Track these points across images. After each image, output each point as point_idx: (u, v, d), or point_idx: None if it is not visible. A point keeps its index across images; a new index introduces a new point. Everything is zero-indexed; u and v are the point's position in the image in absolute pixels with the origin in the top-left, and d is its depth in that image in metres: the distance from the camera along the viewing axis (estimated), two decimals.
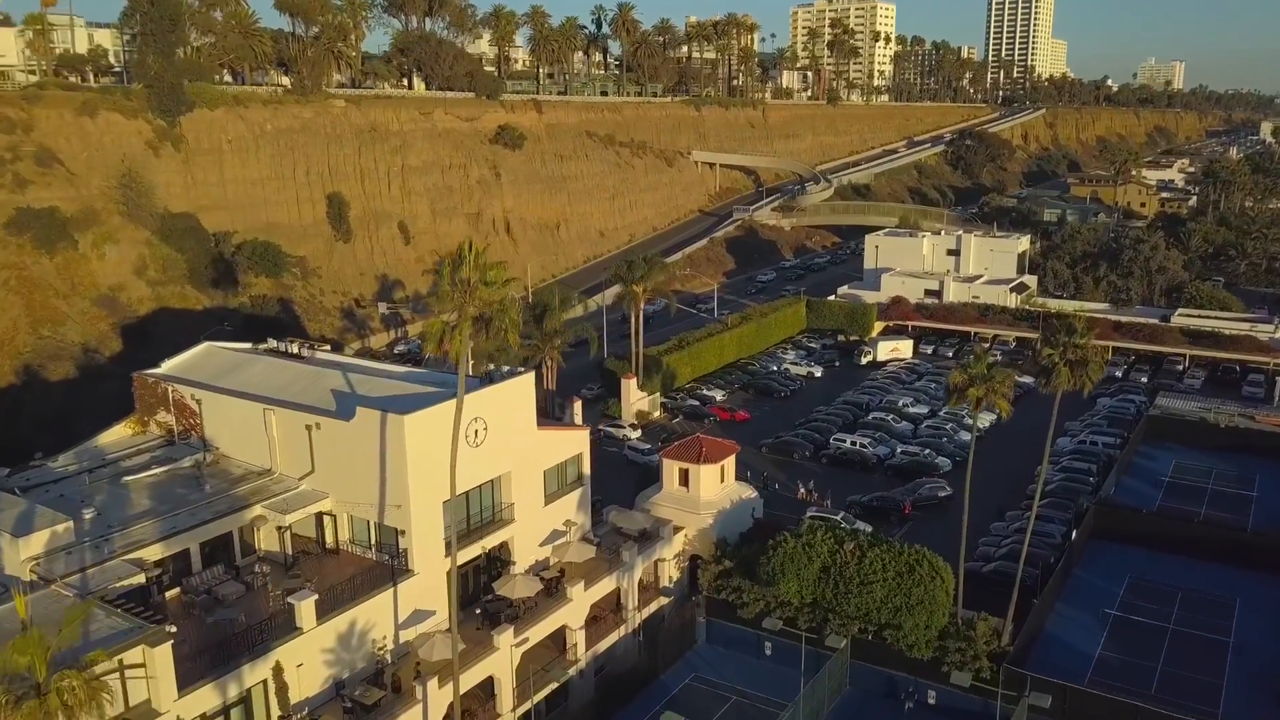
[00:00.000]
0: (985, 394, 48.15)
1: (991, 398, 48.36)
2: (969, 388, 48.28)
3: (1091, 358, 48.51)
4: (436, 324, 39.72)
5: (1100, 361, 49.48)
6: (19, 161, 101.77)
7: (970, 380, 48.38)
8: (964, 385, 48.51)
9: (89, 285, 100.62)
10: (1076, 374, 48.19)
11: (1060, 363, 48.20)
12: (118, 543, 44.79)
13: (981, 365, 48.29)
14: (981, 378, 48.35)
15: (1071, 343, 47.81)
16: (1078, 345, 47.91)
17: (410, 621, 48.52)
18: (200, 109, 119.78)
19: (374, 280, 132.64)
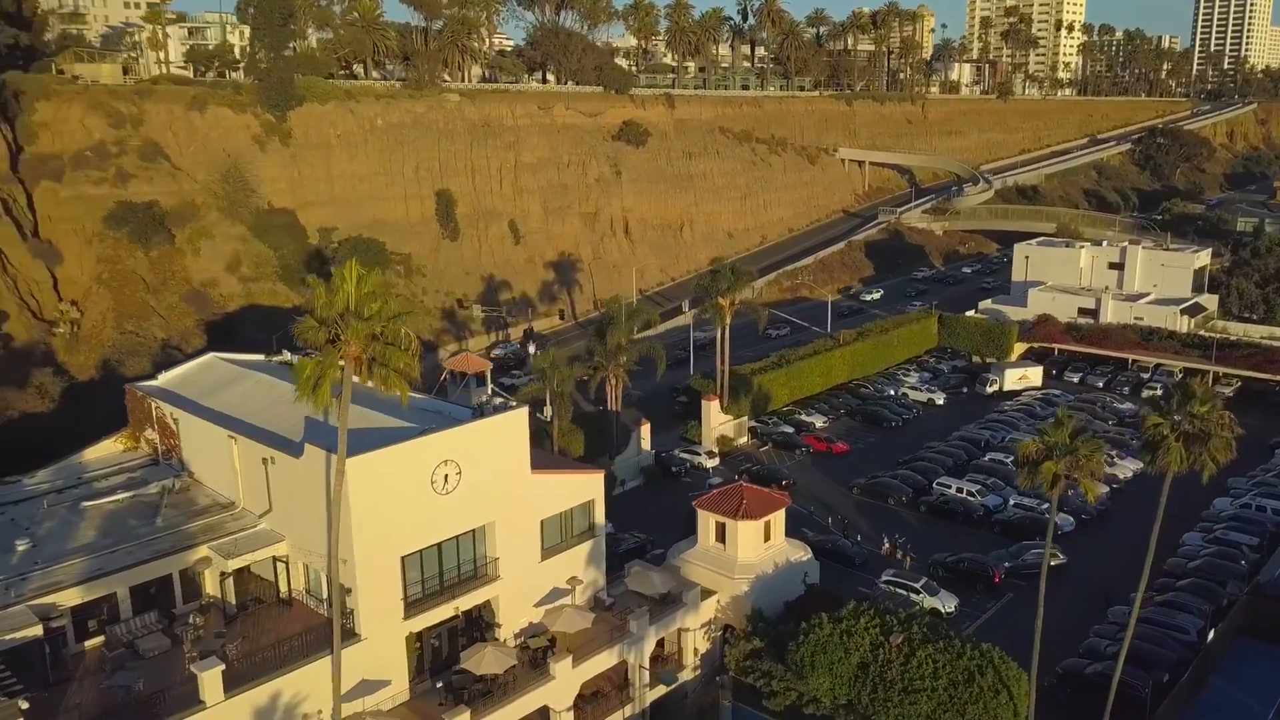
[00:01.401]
0: (1067, 472, 37.03)
1: (1077, 476, 37.17)
2: (1044, 461, 37.27)
3: (1217, 431, 36.60)
4: (308, 366, 32.74)
5: (1227, 438, 37.33)
6: (124, 156, 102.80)
7: (1047, 451, 37.38)
8: (1038, 458, 37.57)
9: (181, 280, 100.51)
10: (1193, 452, 36.44)
11: (1171, 436, 36.55)
12: (33, 583, 40.38)
13: (1063, 433, 37.16)
14: (1062, 449, 37.26)
15: (1189, 412, 36.06)
16: (1196, 415, 36.14)
17: (356, 694, 42.07)
18: (310, 103, 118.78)
19: (479, 280, 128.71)
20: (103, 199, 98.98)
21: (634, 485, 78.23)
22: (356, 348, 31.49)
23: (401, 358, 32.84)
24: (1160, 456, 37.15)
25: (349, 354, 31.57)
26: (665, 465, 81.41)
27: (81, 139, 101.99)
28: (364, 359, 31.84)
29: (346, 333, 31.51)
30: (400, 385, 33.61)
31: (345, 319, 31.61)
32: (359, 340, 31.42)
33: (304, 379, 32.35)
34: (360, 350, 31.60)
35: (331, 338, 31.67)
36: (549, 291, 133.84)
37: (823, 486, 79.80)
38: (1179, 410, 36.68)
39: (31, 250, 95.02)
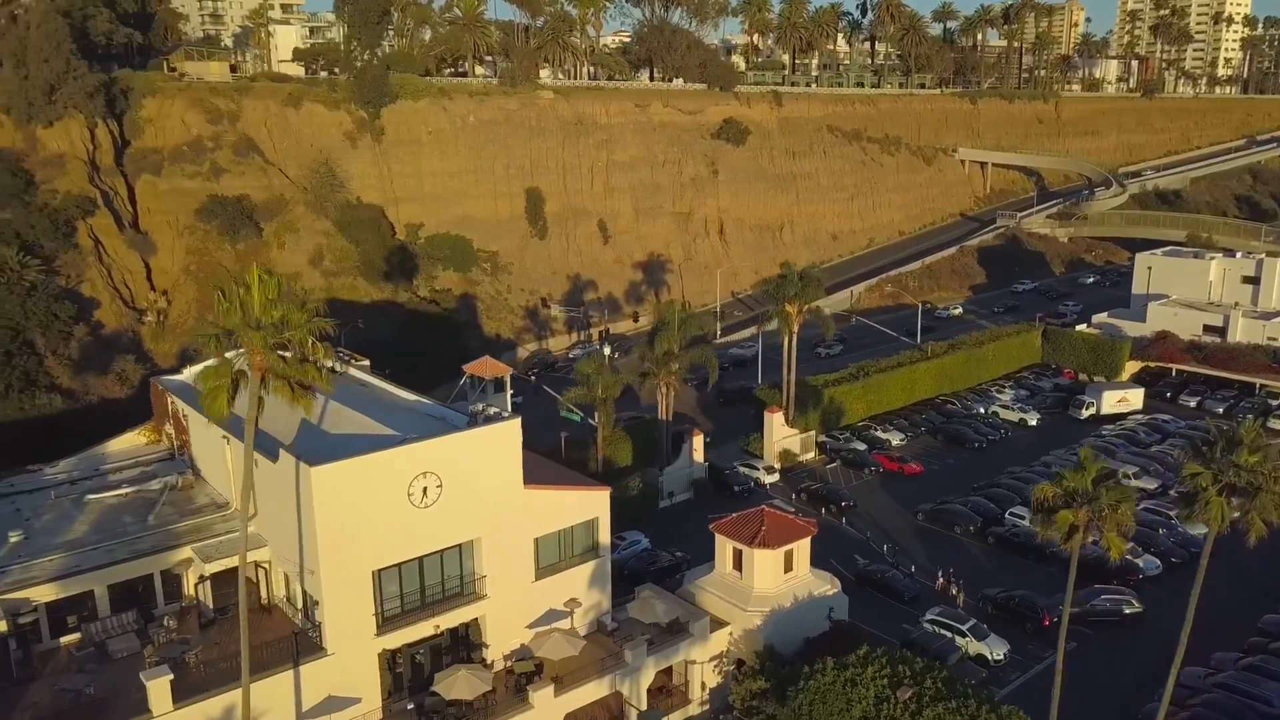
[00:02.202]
0: (1087, 523, 32.01)
1: (1101, 527, 32.10)
2: (1062, 508, 32.32)
3: (1269, 486, 30.89)
4: (208, 376, 30.97)
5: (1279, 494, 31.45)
6: (219, 151, 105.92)
7: (1066, 498, 32.41)
8: (1054, 504, 32.61)
9: None
10: (1240, 507, 30.87)
11: (1211, 488, 31.05)
12: (11, 577, 40.51)
13: (1084, 477, 32.13)
14: (1084, 496, 32.22)
15: (1233, 462, 30.50)
16: (1241, 466, 30.54)
17: (321, 710, 40.67)
18: (404, 100, 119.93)
19: (565, 280, 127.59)
20: (196, 192, 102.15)
21: (682, 499, 74.97)
22: (260, 358, 29.76)
23: (303, 370, 30.87)
24: (1198, 511, 31.68)
25: (253, 364, 29.87)
26: (720, 479, 77.74)
27: (180, 134, 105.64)
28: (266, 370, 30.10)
29: (245, 342, 29.81)
30: (302, 398, 31.69)
31: (245, 328, 29.89)
32: (260, 350, 29.67)
33: (205, 390, 30.69)
34: (263, 360, 29.85)
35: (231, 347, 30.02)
36: (635, 292, 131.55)
37: (886, 510, 74.66)
38: (1223, 458, 31.17)
39: (127, 240, 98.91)
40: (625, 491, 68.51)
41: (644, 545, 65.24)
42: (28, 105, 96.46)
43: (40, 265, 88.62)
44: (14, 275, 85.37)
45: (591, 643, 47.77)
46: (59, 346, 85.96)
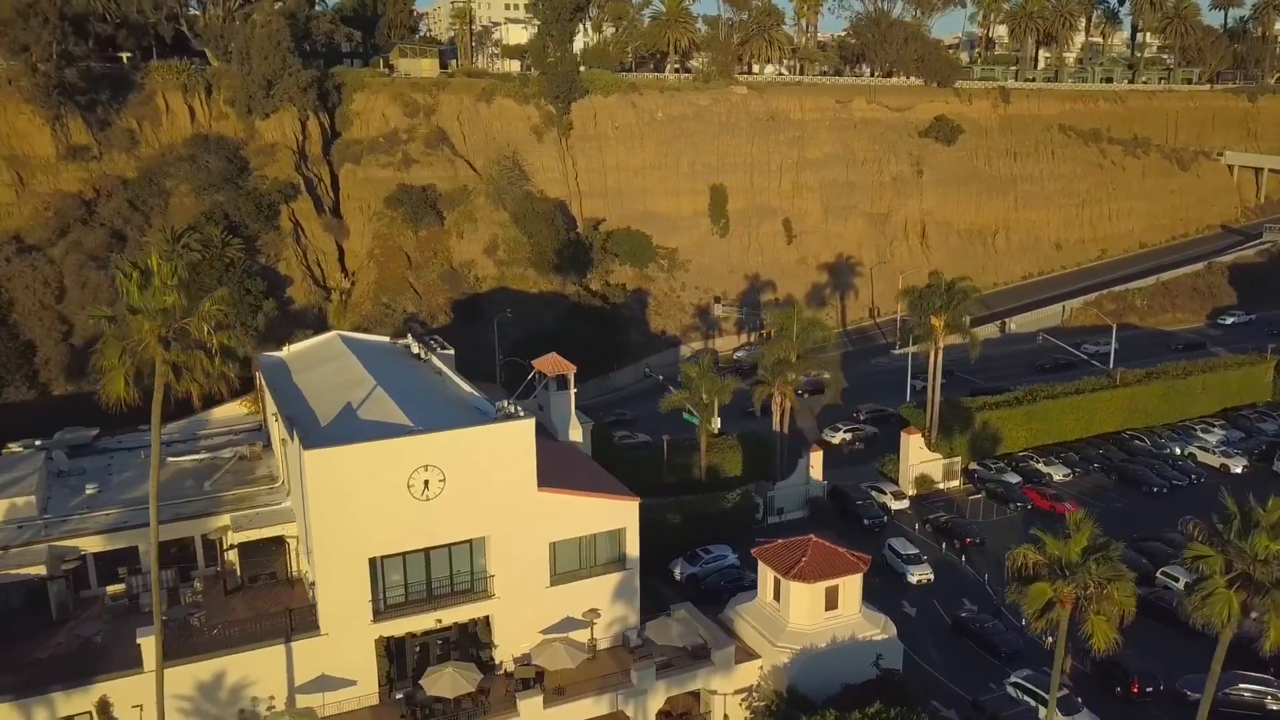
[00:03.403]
0: (1067, 604, 26.50)
1: (1087, 611, 26.50)
2: (1038, 579, 26.97)
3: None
4: (108, 355, 31.56)
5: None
6: (411, 142, 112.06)
7: (1049, 569, 27.03)
8: (1032, 573, 27.27)
9: (442, 260, 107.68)
10: (1252, 604, 24.31)
11: (1220, 578, 24.61)
12: (69, 525, 44.50)
13: (1072, 547, 26.59)
14: (1069, 569, 26.73)
15: (1247, 550, 23.98)
16: (1257, 556, 23.95)
17: (314, 688, 41.74)
18: (594, 95, 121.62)
19: (743, 279, 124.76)
20: (387, 181, 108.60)
21: (794, 516, 70.92)
22: (147, 342, 30.38)
23: (190, 358, 31.15)
24: (1204, 604, 25.25)
25: (151, 349, 30.55)
26: (842, 500, 72.94)
27: (380, 126, 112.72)
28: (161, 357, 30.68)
29: (133, 326, 30.51)
30: (190, 386, 32.01)
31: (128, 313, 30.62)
32: (146, 334, 30.29)
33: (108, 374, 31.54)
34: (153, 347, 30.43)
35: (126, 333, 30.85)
36: (818, 295, 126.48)
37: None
38: (1236, 542, 24.55)
39: (324, 224, 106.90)
40: (721, 503, 65.91)
41: (730, 561, 62.24)
42: (248, 99, 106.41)
43: (242, 244, 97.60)
44: (217, 251, 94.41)
45: (607, 657, 46.09)
46: (248, 318, 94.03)
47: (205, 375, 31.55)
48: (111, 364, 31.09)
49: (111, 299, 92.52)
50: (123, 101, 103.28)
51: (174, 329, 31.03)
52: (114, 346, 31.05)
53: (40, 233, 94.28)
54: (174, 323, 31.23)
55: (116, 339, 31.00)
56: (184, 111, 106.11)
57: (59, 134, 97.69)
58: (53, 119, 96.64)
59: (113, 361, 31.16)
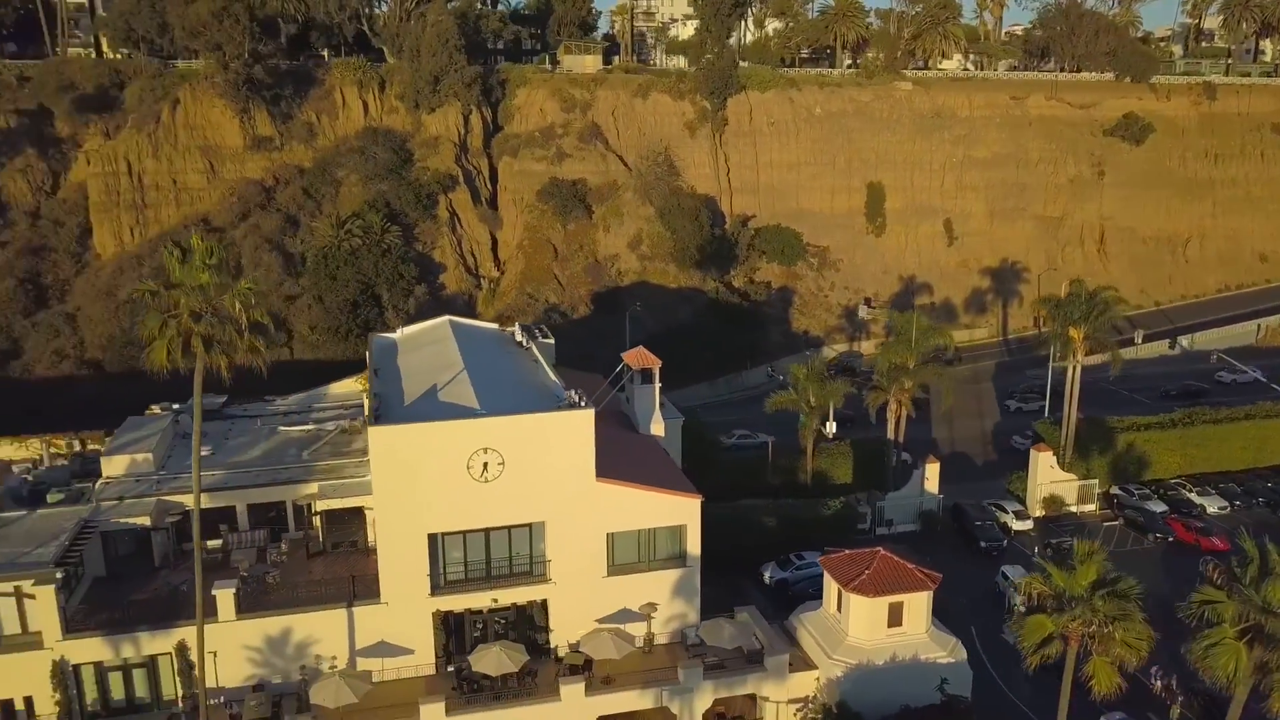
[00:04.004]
0: (1073, 640, 24.35)
1: (1092, 647, 24.29)
2: (1039, 610, 24.88)
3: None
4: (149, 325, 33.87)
5: None
6: (565, 137, 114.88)
7: (1054, 601, 24.90)
8: (1033, 605, 25.15)
9: (587, 253, 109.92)
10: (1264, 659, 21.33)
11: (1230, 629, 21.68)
12: (179, 483, 48.64)
13: (1080, 578, 24.30)
14: (1075, 604, 24.51)
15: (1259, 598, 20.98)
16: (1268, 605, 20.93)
17: (374, 653, 43.95)
18: (750, 91, 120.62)
19: (897, 280, 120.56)
20: (540, 175, 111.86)
21: (904, 529, 68.20)
22: (183, 316, 32.57)
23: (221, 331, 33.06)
24: (1207, 654, 22.33)
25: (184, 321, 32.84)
26: (960, 517, 69.50)
27: (537, 121, 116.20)
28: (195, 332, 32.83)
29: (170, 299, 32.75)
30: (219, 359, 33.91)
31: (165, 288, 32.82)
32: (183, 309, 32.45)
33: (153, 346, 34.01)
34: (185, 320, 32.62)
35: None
36: (978, 300, 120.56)
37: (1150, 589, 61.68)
38: (1250, 589, 21.51)
39: (479, 215, 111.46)
40: (821, 509, 64.30)
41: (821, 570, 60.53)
42: (416, 94, 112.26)
43: (400, 231, 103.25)
44: (376, 238, 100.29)
45: (663, 653, 46.02)
46: (400, 302, 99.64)
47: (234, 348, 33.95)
48: (152, 334, 34.10)
49: (280, 278, 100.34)
50: (304, 96, 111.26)
51: (207, 304, 33.61)
52: (155, 317, 34.05)
53: (225, 215, 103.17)
54: (208, 298, 33.81)
55: (158, 311, 33.99)
56: (358, 106, 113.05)
57: (246, 126, 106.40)
58: (241, 112, 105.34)
59: (154, 331, 34.17)
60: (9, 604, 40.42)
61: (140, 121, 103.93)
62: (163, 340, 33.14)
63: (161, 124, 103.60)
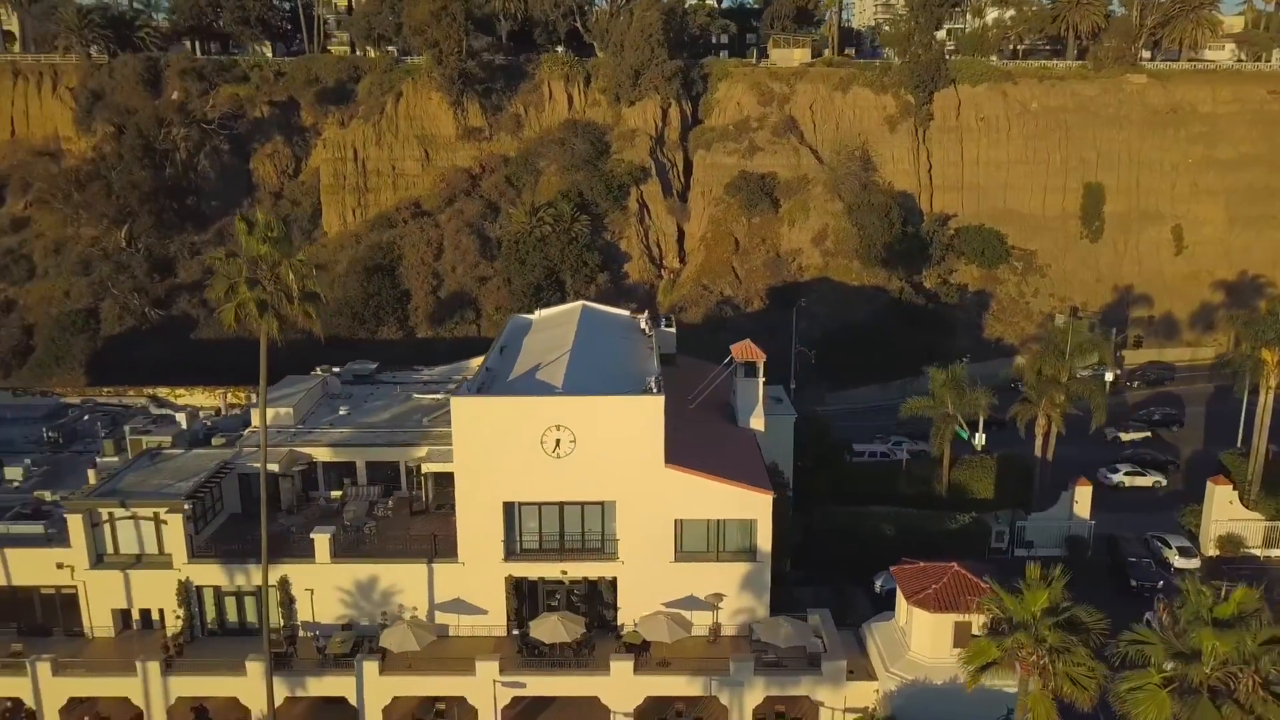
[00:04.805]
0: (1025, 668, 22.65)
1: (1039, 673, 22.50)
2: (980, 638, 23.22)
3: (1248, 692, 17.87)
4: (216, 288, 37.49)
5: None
6: (759, 130, 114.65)
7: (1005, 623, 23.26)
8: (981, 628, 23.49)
9: (769, 247, 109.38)
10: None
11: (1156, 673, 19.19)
12: (312, 437, 54.10)
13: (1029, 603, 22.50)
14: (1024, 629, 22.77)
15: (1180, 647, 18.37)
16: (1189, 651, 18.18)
17: (451, 609, 47.12)
18: (960, 84, 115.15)
19: (1111, 291, 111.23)
20: (731, 168, 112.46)
21: (1047, 554, 63.17)
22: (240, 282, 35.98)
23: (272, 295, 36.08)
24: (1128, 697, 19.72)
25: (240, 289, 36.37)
26: (1114, 546, 63.96)
27: (733, 114, 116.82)
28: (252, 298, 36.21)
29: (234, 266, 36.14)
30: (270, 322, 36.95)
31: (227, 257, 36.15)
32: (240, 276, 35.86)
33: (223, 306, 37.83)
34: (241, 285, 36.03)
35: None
36: (1206, 317, 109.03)
37: None
38: (1171, 638, 18.71)
39: (668, 207, 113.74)
40: (946, 522, 61.44)
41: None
42: (617, 87, 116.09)
43: (589, 221, 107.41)
44: (565, 226, 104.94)
45: (726, 644, 46.18)
46: (581, 288, 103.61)
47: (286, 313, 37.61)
48: (219, 296, 38.34)
49: (476, 260, 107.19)
50: (515, 90, 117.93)
51: (263, 272, 37.34)
52: (221, 282, 38.28)
53: (433, 200, 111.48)
54: (264, 267, 37.51)
55: (225, 276, 38.17)
56: (563, 99, 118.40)
57: (459, 117, 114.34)
58: (454, 104, 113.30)
59: (220, 294, 38.46)
60: (149, 528, 46.78)
61: (368, 112, 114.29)
62: (230, 303, 37.44)
63: (385, 115, 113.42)
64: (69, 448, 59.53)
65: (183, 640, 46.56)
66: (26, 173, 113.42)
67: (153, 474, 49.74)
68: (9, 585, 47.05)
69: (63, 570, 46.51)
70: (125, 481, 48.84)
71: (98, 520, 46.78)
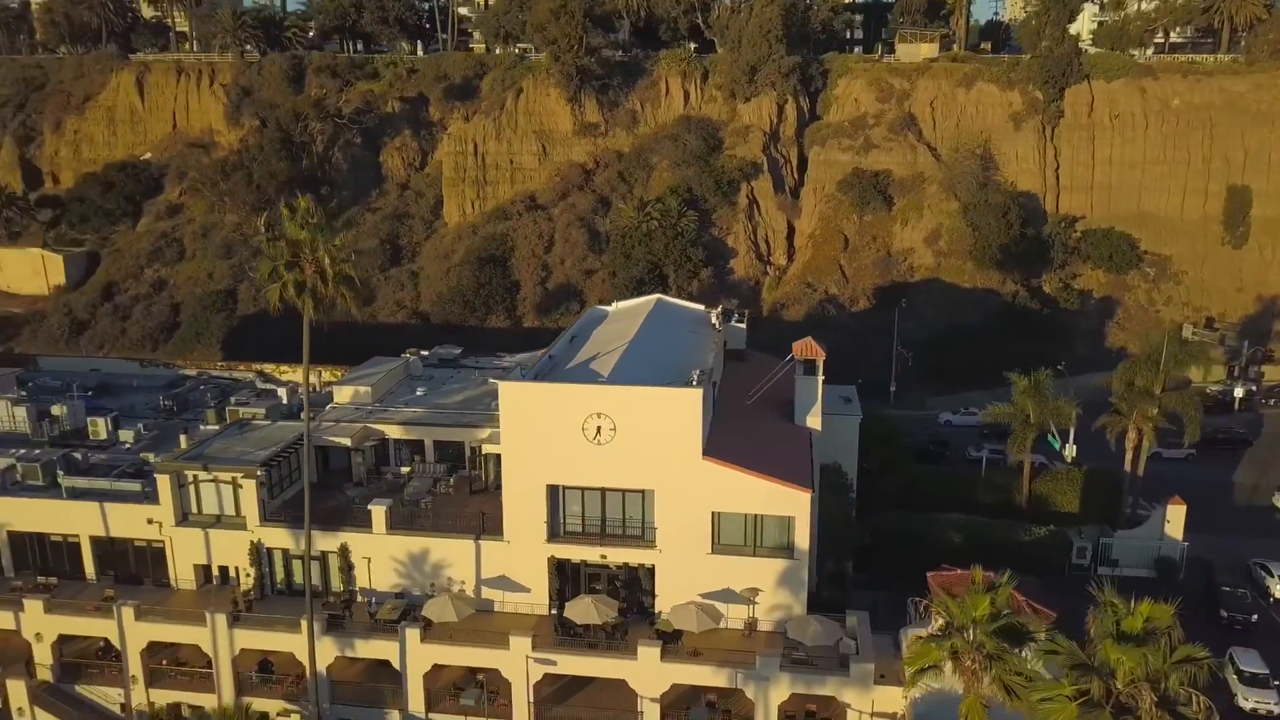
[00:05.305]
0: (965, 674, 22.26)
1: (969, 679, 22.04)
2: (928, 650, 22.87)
3: None
4: (261, 270, 39.62)
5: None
6: (875, 127, 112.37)
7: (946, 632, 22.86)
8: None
9: (880, 245, 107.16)
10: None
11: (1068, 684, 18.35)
12: (386, 414, 57.08)
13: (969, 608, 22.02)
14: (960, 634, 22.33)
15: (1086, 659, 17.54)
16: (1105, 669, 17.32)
17: (496, 585, 48.93)
18: (1094, 80, 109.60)
19: (1254, 302, 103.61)
20: (844, 165, 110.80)
21: (1134, 574, 60.34)
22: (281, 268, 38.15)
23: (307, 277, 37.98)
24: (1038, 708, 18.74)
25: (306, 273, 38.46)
26: (1209, 573, 60.18)
27: (850, 111, 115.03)
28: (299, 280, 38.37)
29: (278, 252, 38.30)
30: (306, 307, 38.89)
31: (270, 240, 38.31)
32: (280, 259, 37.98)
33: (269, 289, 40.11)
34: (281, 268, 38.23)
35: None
36: None
37: None
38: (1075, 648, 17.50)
39: (779, 204, 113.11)
40: (1019, 534, 59.30)
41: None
42: (732, 83, 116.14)
43: (696, 216, 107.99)
44: (671, 221, 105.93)
45: (761, 639, 46.23)
46: (684, 283, 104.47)
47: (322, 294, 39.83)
48: (264, 277, 40.90)
49: (584, 254, 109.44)
50: (632, 86, 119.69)
51: (305, 256, 39.61)
52: (266, 264, 40.81)
53: (547, 194, 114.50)
54: (303, 251, 39.77)
55: (269, 260, 40.69)
56: (680, 95, 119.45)
57: (576, 113, 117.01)
58: (571, 100, 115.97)
59: (264, 275, 40.99)
60: (229, 491, 50.57)
61: (489, 108, 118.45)
62: (274, 284, 40.09)
63: (505, 110, 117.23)
64: (180, 416, 64.58)
65: (252, 597, 50.08)
66: (183, 163, 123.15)
67: (237, 442, 53.66)
68: (108, 536, 51.75)
69: (152, 525, 50.84)
70: (212, 448, 52.87)
71: (184, 481, 50.87)
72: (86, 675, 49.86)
